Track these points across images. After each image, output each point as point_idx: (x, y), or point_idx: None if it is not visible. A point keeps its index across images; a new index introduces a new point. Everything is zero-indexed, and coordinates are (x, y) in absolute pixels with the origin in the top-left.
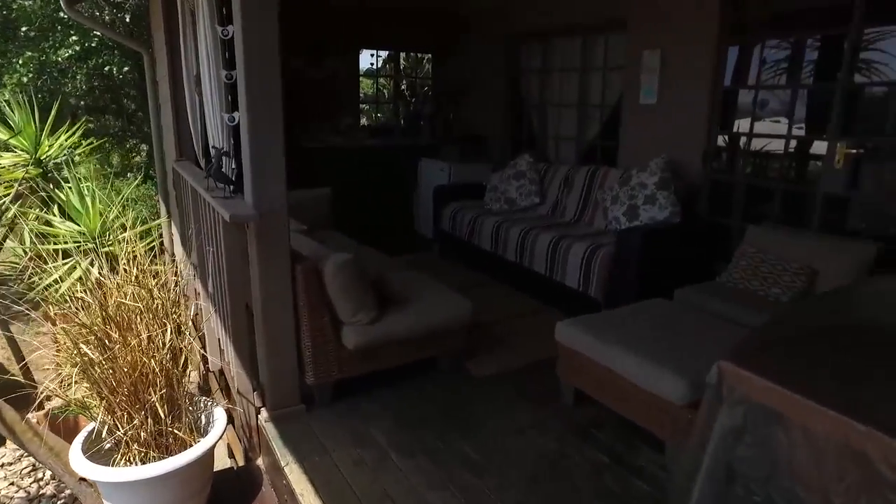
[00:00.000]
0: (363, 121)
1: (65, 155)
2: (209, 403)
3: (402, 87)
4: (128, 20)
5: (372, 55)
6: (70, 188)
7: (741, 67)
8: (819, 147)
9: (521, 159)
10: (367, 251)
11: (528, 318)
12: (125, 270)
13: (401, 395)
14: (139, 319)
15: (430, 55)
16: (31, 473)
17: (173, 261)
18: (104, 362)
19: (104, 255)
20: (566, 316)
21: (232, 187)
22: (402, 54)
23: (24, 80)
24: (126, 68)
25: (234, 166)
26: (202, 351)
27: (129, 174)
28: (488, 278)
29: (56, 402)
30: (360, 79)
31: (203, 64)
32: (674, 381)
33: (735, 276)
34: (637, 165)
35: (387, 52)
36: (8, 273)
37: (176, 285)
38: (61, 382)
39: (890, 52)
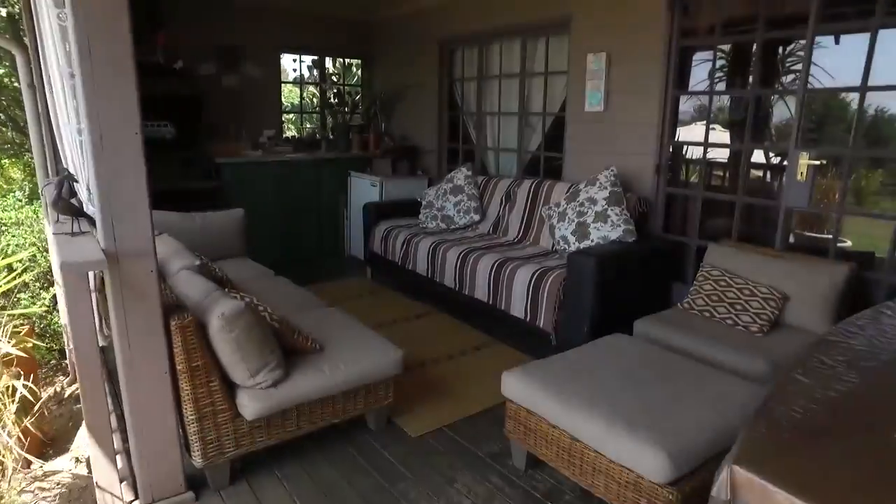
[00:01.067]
0: (287, 132)
1: None
2: None
3: (330, 95)
4: (4, 14)
5: (294, 60)
6: None
7: (690, 73)
8: (767, 157)
9: (458, 173)
10: (280, 283)
11: (470, 355)
12: None
13: (315, 469)
14: None
15: (359, 61)
16: None
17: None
18: None
19: None
20: (514, 350)
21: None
22: (329, 60)
23: None
24: (1, 71)
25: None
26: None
27: (17, 192)
28: (426, 306)
29: None
30: (285, 86)
31: (51, 61)
32: (650, 453)
33: (699, 301)
34: (584, 178)
35: (312, 59)
36: None
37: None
38: None
39: (817, 64)
